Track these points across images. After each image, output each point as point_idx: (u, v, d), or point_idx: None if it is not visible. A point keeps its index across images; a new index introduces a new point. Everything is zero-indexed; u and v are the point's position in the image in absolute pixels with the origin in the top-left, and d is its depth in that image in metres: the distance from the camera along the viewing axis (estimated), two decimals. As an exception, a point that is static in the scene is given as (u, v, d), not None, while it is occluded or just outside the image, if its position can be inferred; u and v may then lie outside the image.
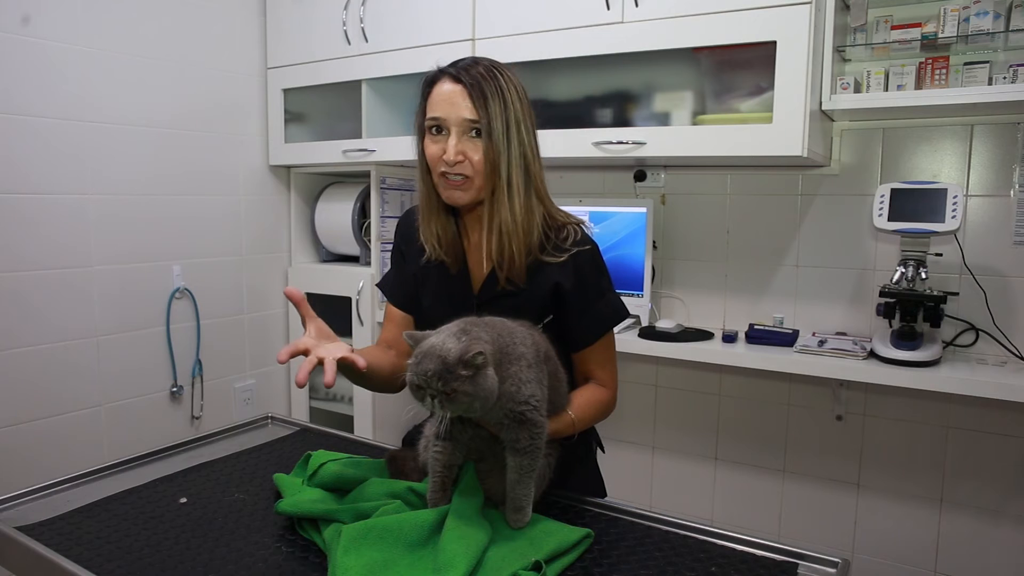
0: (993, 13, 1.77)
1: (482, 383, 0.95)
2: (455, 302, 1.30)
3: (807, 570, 1.02)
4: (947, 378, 1.77)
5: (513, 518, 1.04)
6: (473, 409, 0.98)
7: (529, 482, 1.05)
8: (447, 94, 1.20)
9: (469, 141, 1.20)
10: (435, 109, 1.21)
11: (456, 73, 1.21)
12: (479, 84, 1.19)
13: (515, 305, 1.25)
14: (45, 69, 2.09)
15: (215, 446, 1.49)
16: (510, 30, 2.17)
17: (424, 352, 0.96)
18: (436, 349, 0.95)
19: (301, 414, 2.84)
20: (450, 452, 1.07)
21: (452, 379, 0.94)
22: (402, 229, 1.42)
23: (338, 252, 2.90)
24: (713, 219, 2.34)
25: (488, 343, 0.98)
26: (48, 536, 1.07)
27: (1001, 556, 2.02)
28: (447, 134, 1.20)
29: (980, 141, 1.97)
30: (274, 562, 1.01)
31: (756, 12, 1.81)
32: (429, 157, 1.24)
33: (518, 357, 1.02)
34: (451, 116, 1.20)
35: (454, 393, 0.94)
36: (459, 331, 0.99)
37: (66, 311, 2.18)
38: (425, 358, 0.95)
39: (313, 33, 2.59)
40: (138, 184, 2.35)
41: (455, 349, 0.94)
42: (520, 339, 1.05)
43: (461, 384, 0.94)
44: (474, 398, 0.95)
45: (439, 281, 1.33)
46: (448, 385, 0.94)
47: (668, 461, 2.49)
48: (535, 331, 1.14)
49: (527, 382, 1.02)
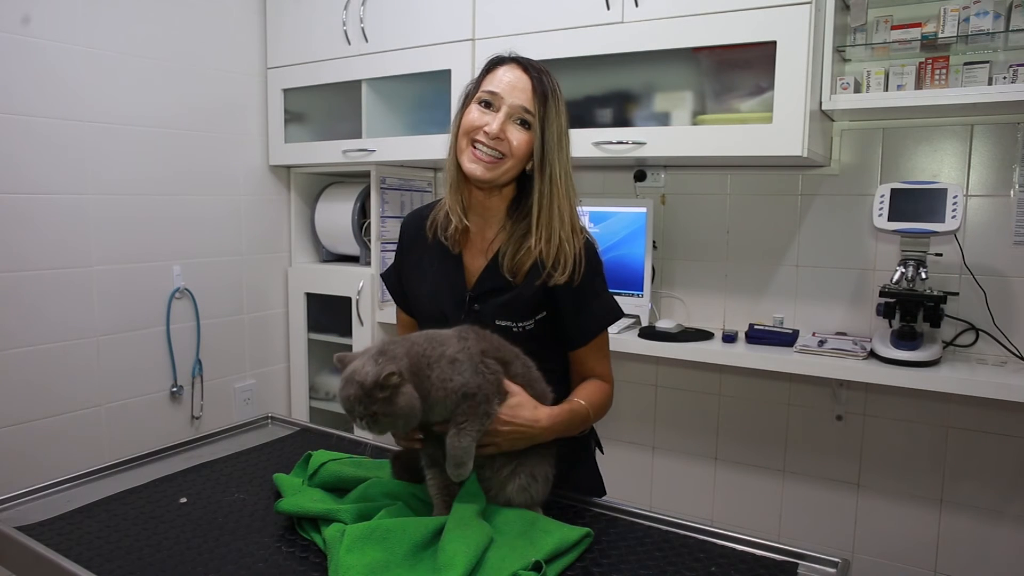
0: (993, 13, 1.77)
1: (400, 402, 0.98)
2: (450, 296, 1.30)
3: (807, 570, 1.02)
4: (947, 378, 1.77)
5: (455, 472, 1.04)
6: (398, 427, 1.01)
7: (469, 440, 1.04)
8: (514, 78, 1.24)
9: (514, 126, 1.23)
10: (496, 86, 1.24)
11: (526, 64, 1.26)
12: (543, 82, 1.24)
13: (507, 301, 1.26)
14: (45, 69, 2.09)
15: (215, 446, 1.49)
16: (510, 30, 2.17)
17: (346, 378, 1.00)
18: (356, 375, 0.99)
19: (301, 414, 2.84)
20: (441, 475, 1.08)
21: (371, 403, 0.97)
22: (404, 235, 1.42)
23: (338, 252, 2.90)
24: (713, 219, 2.34)
25: (403, 358, 1.01)
26: (48, 536, 1.07)
27: (1001, 556, 2.02)
28: (496, 111, 1.23)
29: (980, 141, 1.97)
30: (274, 562, 1.01)
31: (756, 12, 1.81)
32: (468, 123, 1.24)
33: (437, 358, 1.04)
34: (508, 97, 1.22)
35: (376, 415, 0.98)
36: (377, 353, 1.01)
37: (66, 311, 2.18)
38: (347, 384, 0.99)
39: (313, 33, 2.59)
40: (138, 184, 2.35)
41: (371, 373, 0.97)
42: (442, 341, 1.07)
43: (380, 407, 0.98)
44: (396, 417, 0.99)
45: (434, 276, 1.33)
46: (369, 409, 0.98)
47: (668, 461, 2.49)
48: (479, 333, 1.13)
49: (453, 376, 1.03)
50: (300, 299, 2.82)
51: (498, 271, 1.27)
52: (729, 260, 2.33)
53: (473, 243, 1.32)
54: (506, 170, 1.24)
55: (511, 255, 1.26)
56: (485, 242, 1.31)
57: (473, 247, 1.32)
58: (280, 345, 2.88)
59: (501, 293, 1.27)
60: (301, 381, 2.86)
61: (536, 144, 1.23)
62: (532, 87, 1.23)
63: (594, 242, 1.32)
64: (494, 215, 1.31)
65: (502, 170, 1.23)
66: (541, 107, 1.22)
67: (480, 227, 1.32)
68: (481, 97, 1.24)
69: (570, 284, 1.25)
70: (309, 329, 2.83)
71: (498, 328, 1.25)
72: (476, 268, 1.31)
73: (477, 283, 1.30)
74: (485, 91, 1.24)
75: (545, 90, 1.23)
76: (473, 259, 1.32)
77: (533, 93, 1.23)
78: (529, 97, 1.22)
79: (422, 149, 2.40)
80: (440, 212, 1.33)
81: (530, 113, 1.22)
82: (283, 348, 2.89)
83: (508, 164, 1.23)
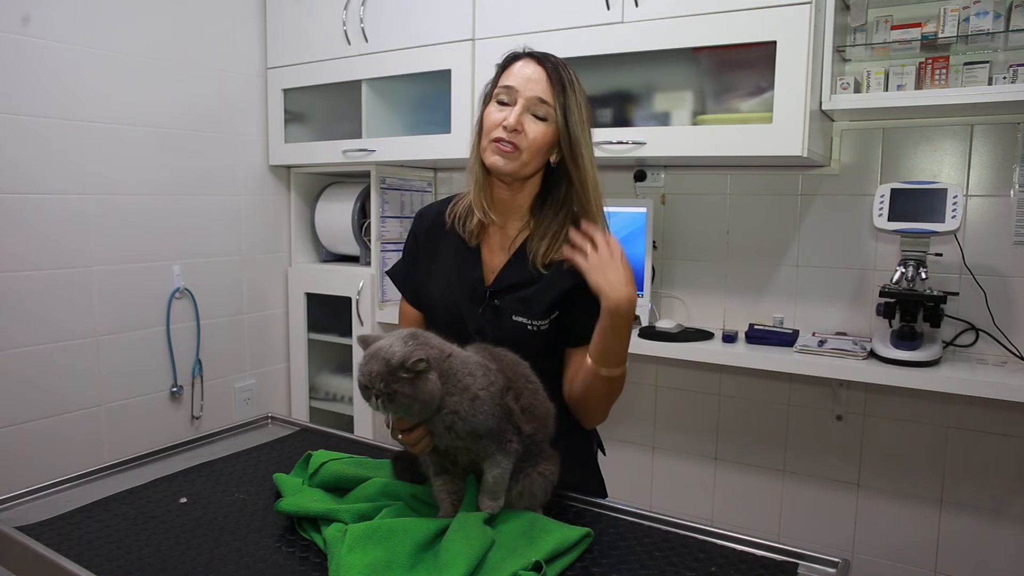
0: (993, 13, 1.77)
1: (422, 387, 0.97)
2: (466, 290, 1.30)
3: (807, 570, 1.02)
4: (947, 378, 1.77)
5: (489, 505, 1.05)
6: (412, 411, 1.00)
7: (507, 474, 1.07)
8: (529, 72, 1.24)
9: (531, 118, 1.23)
10: (512, 80, 1.24)
11: (540, 56, 1.26)
12: (559, 72, 1.24)
13: (529, 296, 1.26)
14: (45, 69, 2.09)
15: (215, 446, 1.49)
16: (510, 30, 2.17)
17: (371, 353, 0.99)
18: (382, 351, 0.98)
19: (301, 414, 2.84)
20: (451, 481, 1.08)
21: (393, 381, 0.96)
22: (420, 224, 1.41)
23: (338, 252, 2.90)
24: (713, 219, 2.34)
25: (435, 348, 1.00)
26: (48, 536, 1.07)
27: (1001, 556, 2.02)
28: (512, 105, 1.23)
29: (980, 141, 1.97)
30: (274, 562, 1.01)
31: (756, 12, 1.81)
32: (489, 123, 1.25)
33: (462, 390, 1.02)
34: (524, 90, 1.23)
35: (395, 394, 0.97)
36: (408, 336, 1.01)
37: (66, 311, 2.17)
38: (372, 359, 0.98)
39: (313, 33, 2.59)
40: (138, 184, 2.35)
41: (399, 353, 0.97)
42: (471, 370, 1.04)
43: (402, 387, 0.97)
44: (413, 400, 0.98)
45: (450, 269, 1.33)
46: (389, 387, 0.97)
47: (668, 461, 2.49)
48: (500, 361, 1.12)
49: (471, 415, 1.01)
50: (300, 299, 2.82)
51: (521, 266, 1.28)
52: (729, 260, 2.33)
53: (492, 239, 1.32)
54: (524, 162, 1.24)
55: (543, 248, 1.26)
56: (507, 239, 1.32)
57: (492, 243, 1.32)
58: (280, 345, 2.88)
59: (522, 288, 1.27)
60: (301, 381, 2.86)
61: (563, 132, 1.24)
62: (548, 78, 1.23)
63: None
64: (517, 212, 1.32)
65: (521, 162, 1.24)
66: (560, 96, 1.23)
67: (501, 224, 1.32)
68: (498, 95, 1.25)
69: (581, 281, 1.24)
70: (309, 329, 2.83)
71: (514, 324, 1.25)
72: (496, 264, 1.31)
73: (497, 278, 1.30)
74: (504, 86, 1.25)
75: (562, 79, 1.24)
76: (492, 255, 1.32)
77: (549, 84, 1.23)
78: (545, 88, 1.23)
79: (422, 149, 2.40)
80: (460, 205, 1.34)
81: (547, 104, 1.23)
82: (283, 348, 2.89)
83: (525, 156, 1.23)
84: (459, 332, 1.28)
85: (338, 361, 2.86)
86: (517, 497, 1.10)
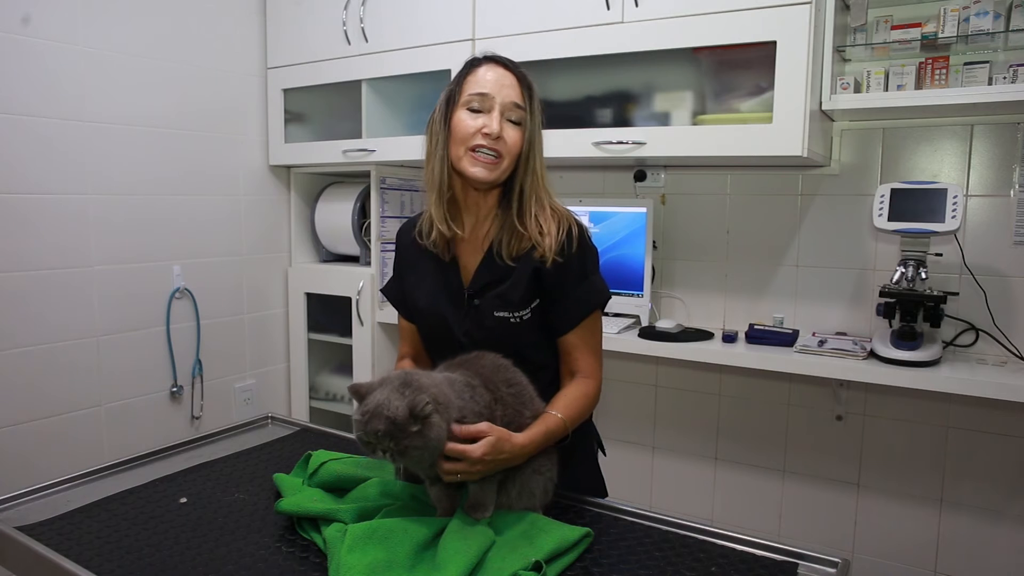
0: (993, 13, 1.77)
1: (429, 434, 0.97)
2: (448, 298, 1.31)
3: (807, 570, 1.02)
4: (947, 378, 1.77)
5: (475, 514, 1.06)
6: (424, 459, 1.00)
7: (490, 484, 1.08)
8: (498, 76, 1.25)
9: (508, 124, 1.24)
10: (483, 87, 1.24)
11: (505, 62, 1.27)
12: (526, 78, 1.26)
13: (503, 291, 1.26)
14: (45, 69, 2.09)
15: (215, 446, 1.49)
16: (510, 30, 2.17)
17: (371, 411, 0.97)
18: (383, 408, 0.96)
19: (301, 414, 2.84)
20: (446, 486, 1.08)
21: (403, 436, 0.96)
22: (401, 241, 1.43)
23: (338, 252, 2.90)
24: (713, 219, 2.34)
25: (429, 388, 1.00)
26: (48, 536, 1.07)
27: (1001, 556, 2.02)
28: (488, 111, 1.23)
29: (980, 141, 1.97)
30: (274, 562, 1.01)
31: (756, 12, 1.81)
32: (463, 130, 1.24)
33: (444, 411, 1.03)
34: (499, 95, 1.23)
35: (407, 449, 0.96)
36: (400, 384, 0.99)
37: (66, 311, 2.17)
38: (373, 418, 0.96)
39: (313, 33, 2.59)
40: (138, 184, 2.35)
41: (402, 406, 0.96)
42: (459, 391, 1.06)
43: (412, 440, 0.96)
44: (424, 450, 0.97)
45: (432, 281, 1.34)
46: (400, 444, 0.96)
47: (668, 461, 2.49)
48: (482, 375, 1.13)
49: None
50: (300, 299, 2.82)
51: (494, 262, 1.28)
52: (729, 260, 2.33)
53: (468, 242, 1.33)
54: (504, 169, 1.25)
55: (507, 242, 1.27)
56: (479, 238, 1.32)
57: (468, 245, 1.33)
58: (280, 345, 2.88)
59: (498, 284, 1.28)
60: (301, 381, 2.86)
61: (531, 133, 1.26)
62: (518, 82, 1.25)
63: (584, 227, 1.32)
64: (487, 211, 1.32)
65: (501, 170, 1.25)
66: (529, 101, 1.25)
67: (473, 225, 1.32)
68: (469, 101, 1.24)
69: (559, 264, 1.25)
70: (309, 329, 2.83)
71: (497, 320, 1.25)
72: (472, 264, 1.31)
73: (474, 278, 1.30)
74: (472, 94, 1.24)
75: (530, 84, 1.27)
76: (470, 256, 1.32)
77: (520, 88, 1.25)
78: (519, 92, 1.25)
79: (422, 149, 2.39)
80: (424, 222, 1.34)
81: (521, 108, 1.24)
82: (283, 348, 2.89)
83: (506, 163, 1.25)
84: (448, 338, 1.30)
85: (338, 361, 2.86)
86: (517, 497, 1.10)
